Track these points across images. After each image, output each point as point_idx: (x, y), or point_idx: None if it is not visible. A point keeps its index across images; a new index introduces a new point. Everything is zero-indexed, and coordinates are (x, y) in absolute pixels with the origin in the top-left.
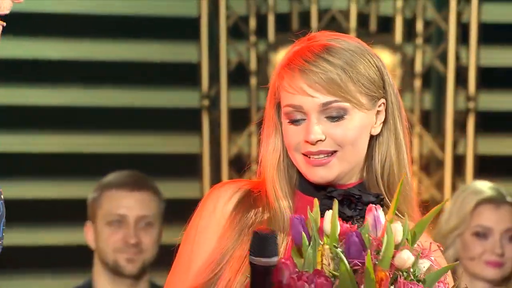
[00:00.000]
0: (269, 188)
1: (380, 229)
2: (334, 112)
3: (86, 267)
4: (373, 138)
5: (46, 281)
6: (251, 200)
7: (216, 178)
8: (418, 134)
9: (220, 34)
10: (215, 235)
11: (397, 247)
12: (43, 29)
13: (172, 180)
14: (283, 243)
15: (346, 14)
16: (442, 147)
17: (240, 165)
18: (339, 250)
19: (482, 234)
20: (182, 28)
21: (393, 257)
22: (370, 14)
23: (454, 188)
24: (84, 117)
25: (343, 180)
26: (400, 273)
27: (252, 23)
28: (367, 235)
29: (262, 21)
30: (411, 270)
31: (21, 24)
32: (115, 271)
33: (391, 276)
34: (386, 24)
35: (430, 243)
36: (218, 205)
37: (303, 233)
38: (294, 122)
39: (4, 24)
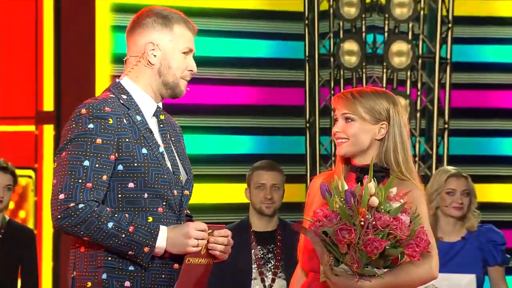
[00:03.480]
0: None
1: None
2: (346, 118)
3: (245, 210)
4: (382, 139)
5: (225, 217)
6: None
7: (313, 169)
8: (418, 141)
9: (316, 89)
10: (311, 205)
11: (371, 196)
12: None
13: (284, 163)
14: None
15: (381, 79)
16: (431, 148)
17: (326, 159)
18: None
19: (451, 193)
20: (294, 85)
21: (369, 201)
22: (394, 79)
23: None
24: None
25: (361, 161)
26: (376, 209)
27: (332, 84)
28: (357, 191)
29: (337, 83)
30: (382, 207)
31: None
32: (260, 212)
33: (368, 210)
34: (402, 83)
35: (404, 193)
36: (311, 189)
37: (326, 193)
38: (335, 120)
39: (188, 89)
